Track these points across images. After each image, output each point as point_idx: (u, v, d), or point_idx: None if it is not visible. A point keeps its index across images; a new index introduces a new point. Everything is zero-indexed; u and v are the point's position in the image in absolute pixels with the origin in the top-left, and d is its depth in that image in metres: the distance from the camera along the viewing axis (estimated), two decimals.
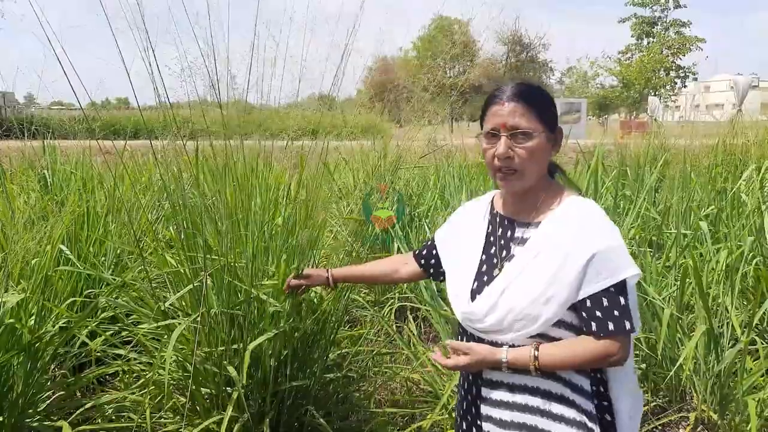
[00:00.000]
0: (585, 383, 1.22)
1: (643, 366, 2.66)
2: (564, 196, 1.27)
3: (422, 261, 1.59)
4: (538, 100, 1.24)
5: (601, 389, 1.24)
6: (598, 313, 1.16)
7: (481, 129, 1.30)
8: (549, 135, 1.25)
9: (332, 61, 2.10)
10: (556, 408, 1.21)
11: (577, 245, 1.17)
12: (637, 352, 2.74)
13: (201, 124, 2.17)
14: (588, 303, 1.17)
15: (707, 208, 3.81)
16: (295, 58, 2.11)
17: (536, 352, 1.18)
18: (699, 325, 2.41)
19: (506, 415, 1.26)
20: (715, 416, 2.39)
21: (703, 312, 2.41)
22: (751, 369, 2.33)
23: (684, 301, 2.67)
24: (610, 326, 1.15)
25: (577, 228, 1.19)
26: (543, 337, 1.22)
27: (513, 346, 1.23)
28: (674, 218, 3.70)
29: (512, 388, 1.25)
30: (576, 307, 1.19)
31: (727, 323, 2.51)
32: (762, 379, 2.34)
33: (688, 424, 2.44)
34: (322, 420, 2.04)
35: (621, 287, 1.17)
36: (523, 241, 1.27)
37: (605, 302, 1.16)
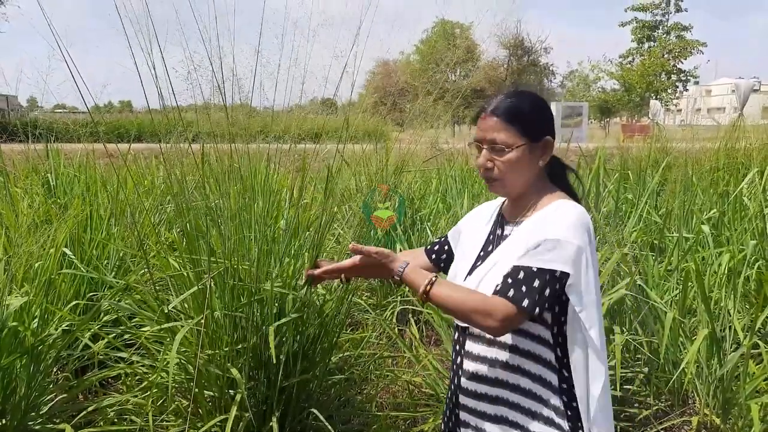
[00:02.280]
0: (553, 379, 1.26)
1: (646, 370, 2.66)
2: (553, 199, 1.31)
3: (433, 256, 1.63)
4: (518, 114, 1.28)
5: (569, 386, 1.26)
6: (509, 279, 1.20)
7: None
8: (532, 146, 1.28)
9: (335, 65, 2.12)
10: (525, 402, 1.26)
11: (534, 233, 1.22)
12: (639, 356, 2.74)
13: (205, 127, 2.18)
14: (509, 269, 1.21)
15: (709, 211, 3.81)
16: (298, 62, 2.12)
17: (432, 280, 1.24)
18: (701, 329, 2.40)
19: (480, 406, 1.32)
20: (717, 420, 2.39)
21: (705, 316, 2.41)
22: (754, 373, 2.33)
23: (686, 304, 2.67)
24: (510, 292, 1.18)
25: (544, 223, 1.24)
26: (518, 331, 1.26)
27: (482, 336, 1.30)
28: (676, 222, 3.70)
29: (486, 381, 1.31)
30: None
31: (730, 327, 2.50)
32: (765, 383, 2.33)
33: (691, 428, 2.43)
34: (325, 422, 2.03)
35: (545, 275, 1.18)
36: (507, 238, 1.34)
37: (521, 274, 1.19)
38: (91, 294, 2.83)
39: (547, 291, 1.18)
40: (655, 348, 2.62)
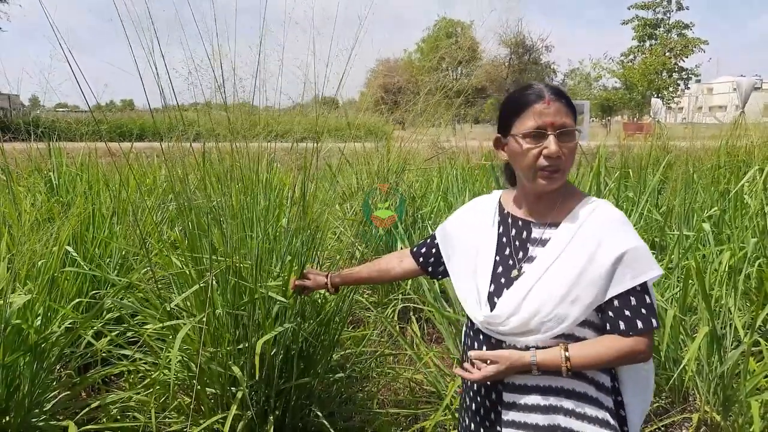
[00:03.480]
0: (606, 380, 1.24)
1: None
2: (582, 196, 1.28)
3: (421, 259, 1.56)
4: (570, 101, 1.25)
5: (616, 384, 1.26)
6: (627, 312, 1.17)
7: (507, 129, 1.27)
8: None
9: (336, 64, 2.12)
10: (581, 407, 1.22)
11: (603, 245, 1.18)
12: None
13: (207, 126, 2.18)
14: (616, 302, 1.18)
15: (710, 209, 3.81)
16: (299, 61, 2.13)
17: (566, 353, 1.18)
18: (702, 327, 2.41)
19: (530, 418, 1.23)
20: (718, 418, 2.39)
21: (706, 313, 2.41)
22: (754, 371, 2.33)
23: (687, 302, 2.67)
24: (639, 324, 1.17)
25: (600, 228, 1.20)
26: (568, 337, 1.22)
27: (537, 347, 1.22)
28: (677, 220, 3.70)
29: (537, 391, 1.24)
30: (601, 307, 1.20)
31: (730, 325, 2.51)
32: (765, 380, 2.34)
33: (691, 426, 2.44)
34: (325, 420, 2.05)
35: (645, 286, 1.19)
36: (543, 242, 1.26)
37: (633, 301, 1.18)
38: (93, 292, 2.84)
39: (655, 298, 1.21)
40: (656, 345, 2.63)
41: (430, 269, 1.55)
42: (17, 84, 4.16)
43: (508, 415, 1.26)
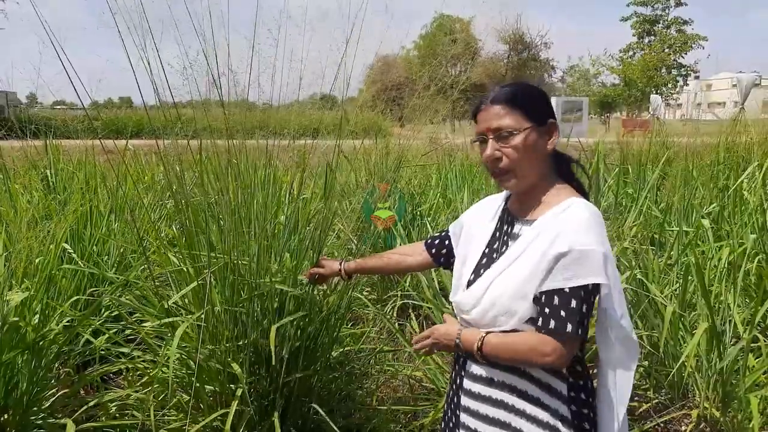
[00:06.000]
0: (562, 388, 1.23)
1: (646, 363, 2.67)
2: (565, 196, 1.27)
3: (433, 251, 1.60)
4: (520, 98, 1.25)
5: (582, 396, 1.24)
6: (546, 309, 1.17)
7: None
8: (539, 129, 1.25)
9: (333, 60, 2.10)
10: (530, 409, 1.23)
11: (553, 243, 1.17)
12: (640, 350, 2.74)
13: (203, 122, 2.17)
14: (542, 298, 1.17)
15: (709, 205, 3.81)
16: (295, 56, 2.11)
17: (481, 341, 1.22)
18: (701, 323, 2.41)
19: (482, 408, 1.29)
20: (717, 413, 2.39)
21: (705, 309, 2.41)
22: (754, 366, 2.33)
23: (686, 298, 2.67)
24: (551, 324, 1.15)
25: (560, 227, 1.19)
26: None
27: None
28: (676, 216, 3.70)
29: (491, 383, 1.28)
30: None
31: (730, 321, 2.51)
32: (764, 376, 2.34)
33: (691, 422, 2.44)
34: (326, 417, 2.04)
35: (579, 291, 1.15)
36: (517, 237, 1.28)
37: (556, 300, 1.16)
38: (91, 290, 2.83)
39: (585, 307, 1.16)
40: (655, 342, 2.62)
41: (442, 260, 1.59)
42: (10, 81, 4.15)
43: (465, 401, 1.33)
